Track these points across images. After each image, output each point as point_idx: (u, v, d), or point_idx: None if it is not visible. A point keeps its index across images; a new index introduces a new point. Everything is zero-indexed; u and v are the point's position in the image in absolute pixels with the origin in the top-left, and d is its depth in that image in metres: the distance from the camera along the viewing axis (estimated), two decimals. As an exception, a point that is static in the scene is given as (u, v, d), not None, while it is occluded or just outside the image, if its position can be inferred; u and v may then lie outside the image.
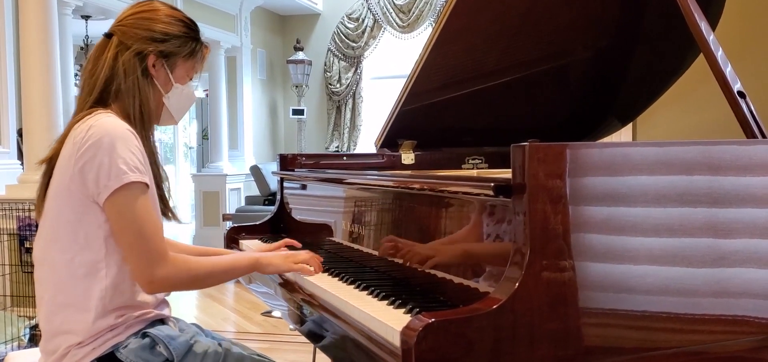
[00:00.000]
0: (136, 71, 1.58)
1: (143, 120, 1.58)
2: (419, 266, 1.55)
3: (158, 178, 1.63)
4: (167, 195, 1.66)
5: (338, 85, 8.42)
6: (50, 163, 1.56)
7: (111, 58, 1.57)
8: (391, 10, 8.06)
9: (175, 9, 1.69)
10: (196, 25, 1.69)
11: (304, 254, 1.75)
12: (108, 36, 1.62)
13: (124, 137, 1.48)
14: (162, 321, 1.62)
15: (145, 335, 1.55)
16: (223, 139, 7.80)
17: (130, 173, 1.46)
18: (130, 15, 1.63)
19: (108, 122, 1.49)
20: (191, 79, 1.69)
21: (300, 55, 8.04)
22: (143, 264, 1.48)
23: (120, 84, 1.57)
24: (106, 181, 1.45)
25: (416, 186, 1.63)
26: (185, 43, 1.64)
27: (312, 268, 1.72)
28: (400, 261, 1.63)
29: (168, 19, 1.63)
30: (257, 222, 2.48)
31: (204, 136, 10.24)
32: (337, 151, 8.21)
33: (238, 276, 1.80)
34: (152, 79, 1.61)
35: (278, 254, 1.76)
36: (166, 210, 1.67)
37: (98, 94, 1.57)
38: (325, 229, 2.14)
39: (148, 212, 1.49)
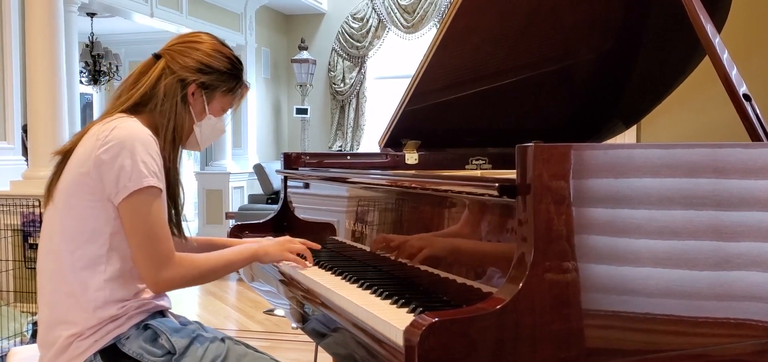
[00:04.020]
0: (175, 96, 1.63)
1: (174, 142, 1.63)
2: (422, 266, 1.55)
3: (176, 196, 1.67)
4: (179, 216, 1.71)
5: (342, 85, 8.42)
6: (65, 155, 1.59)
7: (154, 78, 1.63)
8: (396, 11, 8.06)
9: (223, 44, 1.73)
10: (240, 63, 1.74)
11: (299, 244, 1.82)
12: (156, 57, 1.67)
13: (145, 141, 1.52)
14: (162, 313, 1.64)
15: (146, 327, 1.57)
16: (226, 137, 7.80)
17: (148, 177, 1.50)
18: (179, 42, 1.69)
19: (132, 126, 1.54)
20: (225, 113, 1.74)
21: (304, 55, 8.04)
22: (150, 266, 1.52)
23: (157, 104, 1.62)
24: (126, 182, 1.49)
25: (419, 186, 1.63)
26: (227, 80, 1.70)
27: (306, 262, 1.80)
28: (403, 260, 1.63)
29: (215, 53, 1.68)
30: (260, 221, 2.48)
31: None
32: (341, 151, 8.21)
33: (239, 268, 1.86)
34: (189, 107, 1.66)
35: (273, 242, 1.82)
36: (175, 229, 1.69)
37: (132, 104, 1.61)
38: (329, 228, 2.14)
39: (160, 216, 1.53)
